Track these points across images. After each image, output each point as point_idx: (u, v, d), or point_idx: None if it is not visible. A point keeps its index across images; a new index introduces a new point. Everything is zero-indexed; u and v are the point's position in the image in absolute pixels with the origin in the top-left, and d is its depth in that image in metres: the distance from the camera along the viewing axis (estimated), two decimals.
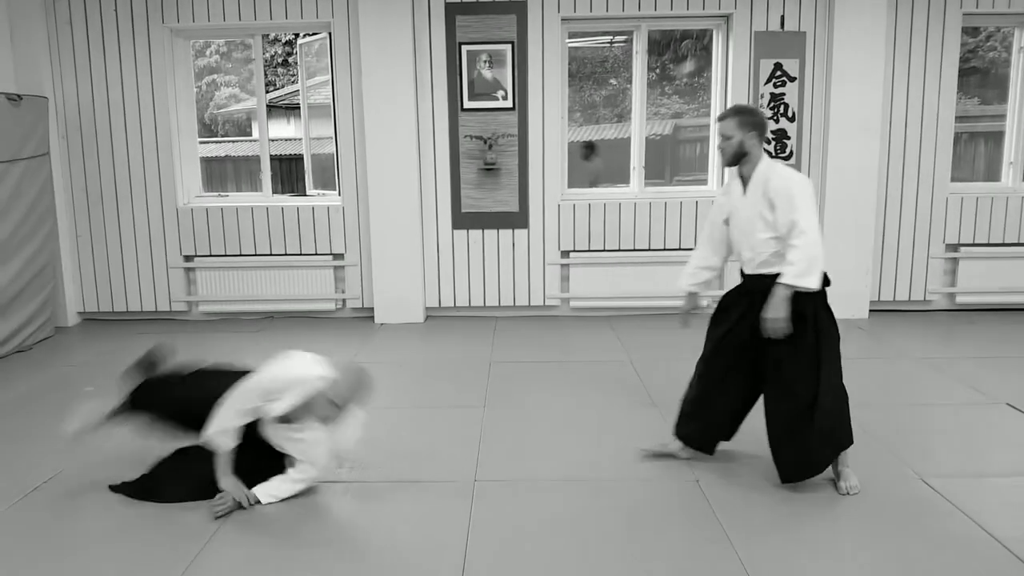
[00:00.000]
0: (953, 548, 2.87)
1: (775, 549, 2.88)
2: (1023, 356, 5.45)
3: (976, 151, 7.40)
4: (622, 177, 6.90)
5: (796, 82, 6.48)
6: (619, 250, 6.71)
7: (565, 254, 6.75)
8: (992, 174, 7.02)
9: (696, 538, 2.97)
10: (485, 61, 6.45)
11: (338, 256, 6.84)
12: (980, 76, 8.00)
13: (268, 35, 13.06)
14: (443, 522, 3.12)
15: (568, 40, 6.68)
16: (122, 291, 6.89)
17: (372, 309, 6.85)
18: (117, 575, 2.77)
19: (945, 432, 4.10)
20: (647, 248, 6.69)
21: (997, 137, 6.94)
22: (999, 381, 4.85)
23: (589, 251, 6.73)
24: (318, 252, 6.82)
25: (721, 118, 3.37)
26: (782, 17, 6.43)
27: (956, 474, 3.51)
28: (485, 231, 6.71)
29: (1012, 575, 2.69)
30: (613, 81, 7.47)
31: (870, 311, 6.67)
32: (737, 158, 3.36)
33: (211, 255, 6.83)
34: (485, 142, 6.48)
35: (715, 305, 3.59)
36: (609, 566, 2.78)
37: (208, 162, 14.39)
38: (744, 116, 3.34)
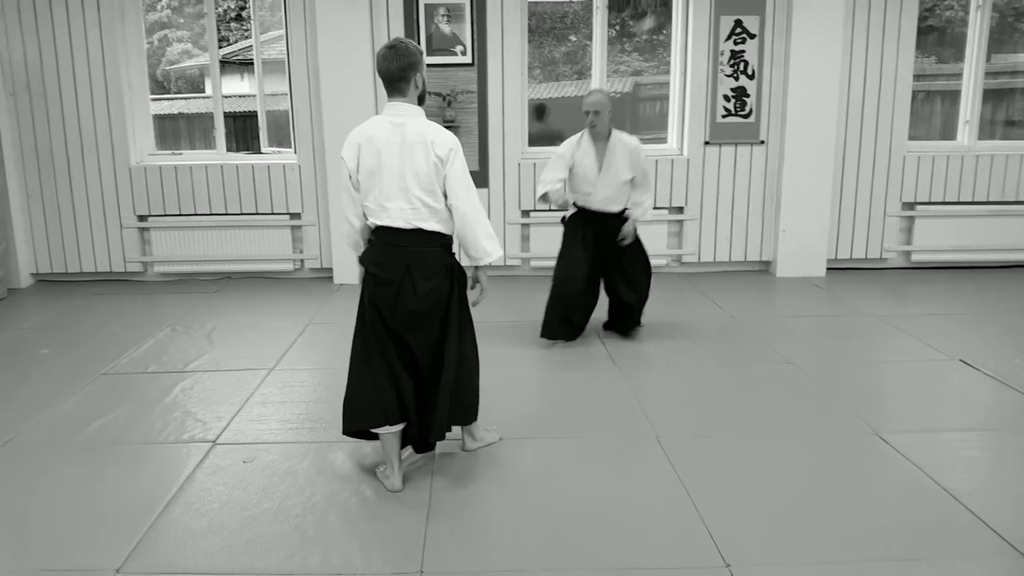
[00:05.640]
0: (907, 501, 2.94)
1: (738, 512, 2.92)
2: (976, 313, 5.57)
3: (933, 109, 7.45)
4: None
5: (756, 39, 6.45)
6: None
7: (526, 213, 6.71)
8: (948, 133, 7.09)
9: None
10: (443, 15, 6.31)
11: (295, 216, 6.72)
12: (937, 35, 8.04)
13: None
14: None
15: None
16: (75, 252, 6.71)
17: (331, 270, 6.76)
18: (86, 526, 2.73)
19: (900, 388, 4.18)
20: None
21: (953, 96, 7.00)
22: (953, 338, 4.95)
23: (549, 211, 6.66)
24: (275, 212, 6.68)
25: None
26: None
27: (910, 429, 3.59)
28: None
29: (963, 526, 2.76)
30: (573, 37, 7.35)
31: (827, 269, 6.73)
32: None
33: (165, 215, 6.67)
34: (444, 99, 6.37)
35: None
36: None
37: (161, 120, 13.97)
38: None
